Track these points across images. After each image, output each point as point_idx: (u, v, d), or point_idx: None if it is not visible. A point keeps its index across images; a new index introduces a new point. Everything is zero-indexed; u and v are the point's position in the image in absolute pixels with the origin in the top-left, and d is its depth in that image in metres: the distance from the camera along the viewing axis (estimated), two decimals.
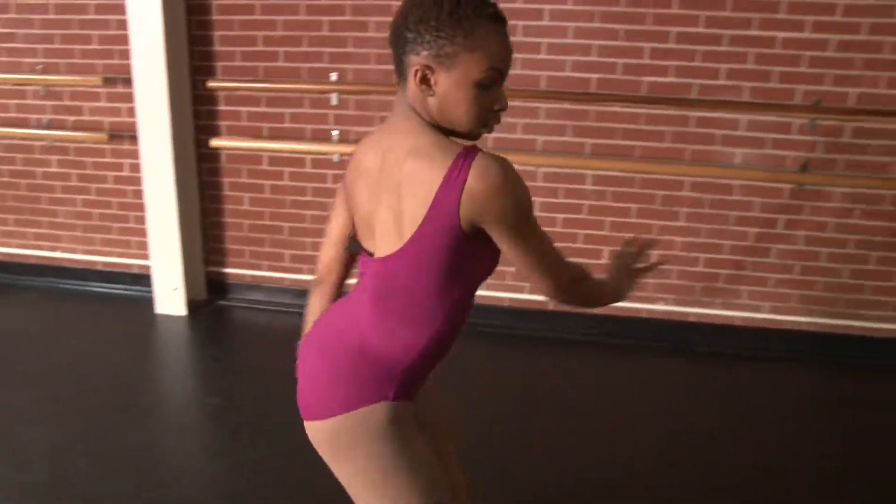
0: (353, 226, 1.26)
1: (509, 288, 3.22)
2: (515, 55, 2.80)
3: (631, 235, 1.76)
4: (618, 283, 1.28)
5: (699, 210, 3.05)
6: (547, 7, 2.94)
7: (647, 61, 2.94)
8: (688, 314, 3.19)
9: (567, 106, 3.02)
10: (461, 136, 1.14)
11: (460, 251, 1.10)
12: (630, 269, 1.30)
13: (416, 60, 1.08)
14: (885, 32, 2.81)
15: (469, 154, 1.06)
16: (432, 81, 1.08)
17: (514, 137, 3.05)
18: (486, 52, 1.06)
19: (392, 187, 1.12)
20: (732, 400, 2.77)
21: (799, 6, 2.81)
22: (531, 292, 3.20)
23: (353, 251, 1.26)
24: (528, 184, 1.12)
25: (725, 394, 2.83)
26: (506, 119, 2.94)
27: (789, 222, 3.05)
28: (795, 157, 2.99)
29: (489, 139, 2.91)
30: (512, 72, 2.84)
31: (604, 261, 3.10)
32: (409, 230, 1.10)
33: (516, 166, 1.10)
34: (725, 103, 2.93)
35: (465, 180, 1.04)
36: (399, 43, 1.10)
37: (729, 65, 2.92)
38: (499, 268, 1.21)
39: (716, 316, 3.17)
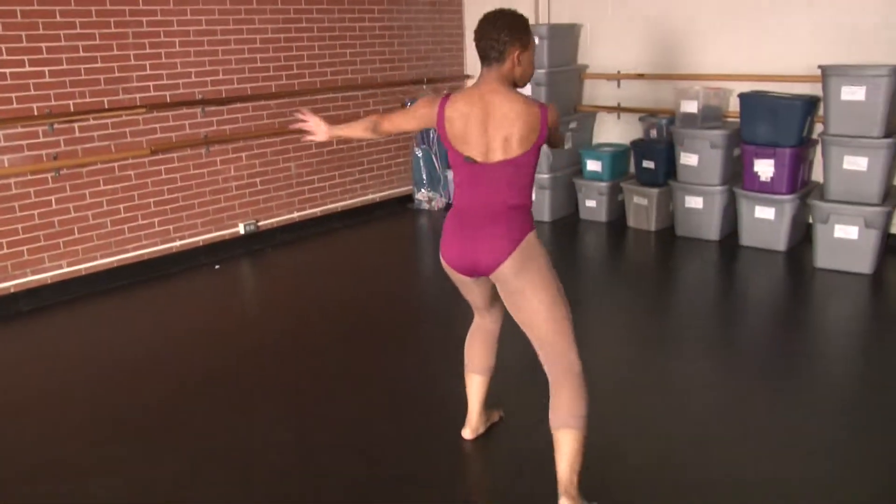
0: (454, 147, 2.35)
1: None
2: None
3: None
4: None
5: None
6: None
7: None
8: (8, 287, 4.63)
9: None
10: (522, 87, 2.37)
11: (538, 152, 2.31)
12: None
13: (513, 49, 2.28)
14: (90, 62, 4.66)
15: (542, 104, 2.30)
16: (521, 60, 2.30)
17: None
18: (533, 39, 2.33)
19: (503, 122, 2.25)
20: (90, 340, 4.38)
21: (15, 50, 4.44)
22: None
23: (468, 161, 2.32)
24: None
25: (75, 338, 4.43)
26: None
27: (59, 199, 4.74)
28: (49, 153, 4.67)
29: None
30: None
31: None
32: (520, 144, 2.25)
33: None
34: None
35: (548, 117, 2.29)
36: (498, 44, 2.26)
37: None
38: None
39: (31, 281, 4.70)
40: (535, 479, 2.65)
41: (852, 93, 4.48)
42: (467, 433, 2.91)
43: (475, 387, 2.87)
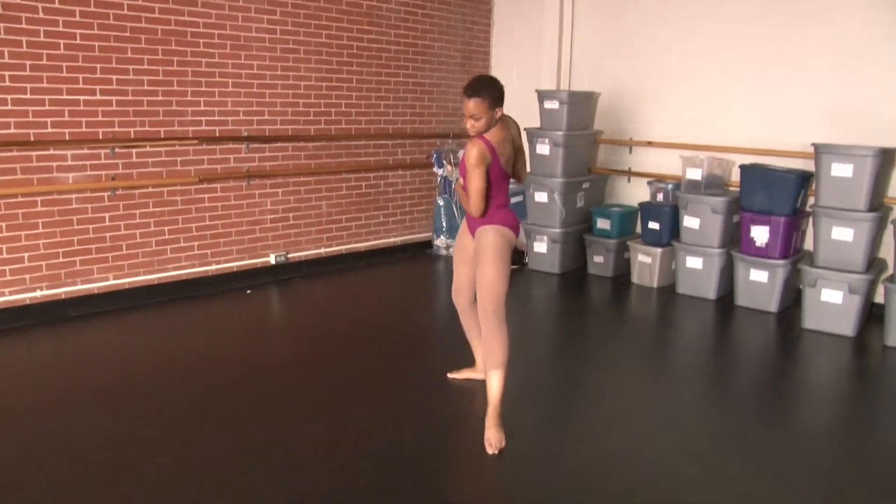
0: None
1: None
2: None
3: None
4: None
5: (50, 219, 4.99)
6: None
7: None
8: (59, 294, 5.11)
9: None
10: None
11: None
12: None
13: None
14: (152, 95, 5.23)
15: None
16: None
17: None
18: (465, 105, 3.17)
19: None
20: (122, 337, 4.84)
21: (90, 80, 4.99)
22: None
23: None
24: None
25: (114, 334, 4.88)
26: None
27: (112, 217, 5.25)
28: (107, 175, 5.19)
29: None
30: None
31: None
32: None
33: None
34: (56, 143, 4.92)
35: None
36: None
37: (56, 116, 4.92)
38: None
39: (80, 290, 5.18)
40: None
41: (841, 170, 4.99)
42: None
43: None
